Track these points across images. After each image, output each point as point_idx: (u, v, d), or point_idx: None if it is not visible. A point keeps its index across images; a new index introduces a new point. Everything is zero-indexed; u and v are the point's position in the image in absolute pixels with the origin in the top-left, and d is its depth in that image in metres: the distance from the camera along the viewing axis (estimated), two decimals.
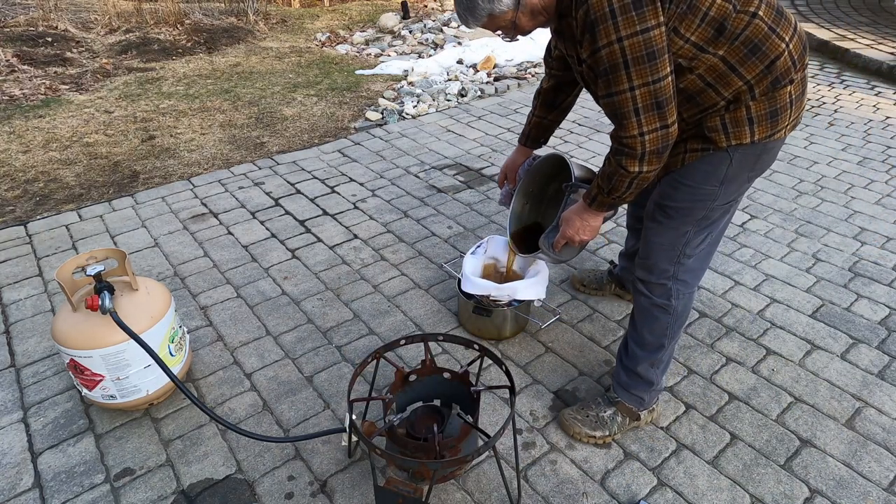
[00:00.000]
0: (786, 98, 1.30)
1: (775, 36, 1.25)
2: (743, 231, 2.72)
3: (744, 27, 1.23)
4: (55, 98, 4.32)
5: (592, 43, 1.23)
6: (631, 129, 1.25)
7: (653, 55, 1.19)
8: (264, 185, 3.15)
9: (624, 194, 1.36)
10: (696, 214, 1.43)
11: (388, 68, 5.02)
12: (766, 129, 1.32)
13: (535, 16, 1.36)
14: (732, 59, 1.25)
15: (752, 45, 1.24)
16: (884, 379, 1.93)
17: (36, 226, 2.76)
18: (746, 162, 1.36)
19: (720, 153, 1.35)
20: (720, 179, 1.37)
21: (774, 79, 1.27)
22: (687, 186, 1.41)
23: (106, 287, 1.59)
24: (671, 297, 1.54)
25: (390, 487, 1.34)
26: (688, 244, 1.47)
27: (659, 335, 1.59)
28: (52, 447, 1.70)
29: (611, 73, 1.23)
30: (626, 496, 1.56)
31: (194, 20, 6.15)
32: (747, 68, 1.26)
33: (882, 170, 3.27)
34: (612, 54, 1.21)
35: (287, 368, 1.97)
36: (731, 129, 1.32)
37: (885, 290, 2.34)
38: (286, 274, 2.44)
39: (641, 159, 1.27)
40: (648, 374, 1.65)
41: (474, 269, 2.08)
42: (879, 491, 1.58)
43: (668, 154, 1.29)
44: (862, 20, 5.81)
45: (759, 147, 1.34)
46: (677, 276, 1.52)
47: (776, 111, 1.30)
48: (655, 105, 1.22)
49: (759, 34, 1.24)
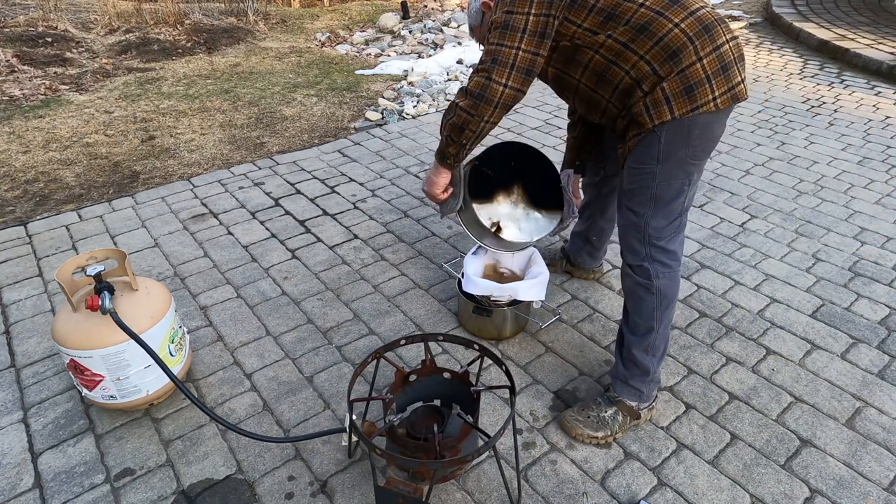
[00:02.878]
0: (699, 74, 1.40)
1: (662, 18, 1.40)
2: (743, 231, 2.72)
3: (631, 14, 1.41)
4: (55, 98, 4.32)
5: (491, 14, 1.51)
6: (473, 73, 1.50)
7: (507, 25, 1.44)
8: (264, 185, 3.15)
9: (444, 130, 1.58)
10: (646, 194, 1.54)
11: (388, 68, 5.02)
12: (684, 104, 1.42)
13: (484, 30, 1.65)
14: (624, 39, 1.42)
15: (639, 26, 1.40)
16: (884, 379, 1.93)
17: (36, 226, 2.77)
18: (677, 138, 1.46)
19: (650, 134, 1.47)
20: (656, 158, 1.49)
21: (671, 53, 1.39)
22: (633, 169, 1.54)
23: (106, 287, 1.59)
24: (651, 276, 1.60)
25: (390, 487, 1.34)
26: (648, 224, 1.56)
27: (647, 317, 1.64)
28: (52, 447, 1.70)
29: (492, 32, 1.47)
30: (627, 496, 1.56)
31: (194, 20, 6.15)
32: (637, 45, 1.42)
33: (882, 170, 3.27)
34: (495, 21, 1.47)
35: (287, 368, 1.97)
36: (653, 111, 1.44)
37: (885, 290, 2.34)
38: (286, 274, 2.44)
39: (464, 95, 1.49)
40: (644, 361, 1.66)
41: (476, 270, 2.08)
42: (879, 491, 1.58)
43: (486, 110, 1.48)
44: (862, 20, 5.81)
45: (686, 122, 1.43)
46: (652, 256, 1.59)
47: (691, 87, 1.41)
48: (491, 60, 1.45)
49: (645, 18, 1.40)
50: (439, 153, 1.66)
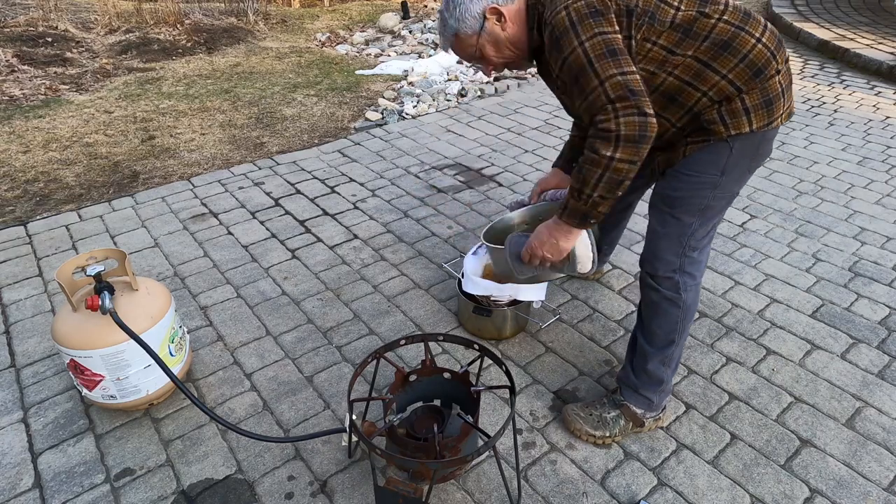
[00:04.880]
0: (777, 87, 1.36)
1: (744, 33, 1.32)
2: (743, 231, 2.72)
3: (710, 29, 1.32)
4: (55, 98, 4.32)
5: (560, 54, 1.31)
6: (606, 114, 1.26)
7: (613, 52, 1.26)
8: (264, 185, 3.15)
9: (595, 191, 1.31)
10: (698, 204, 1.46)
11: (388, 68, 5.02)
12: (762, 117, 1.37)
13: (500, 48, 1.46)
14: (704, 58, 1.33)
15: (722, 43, 1.32)
16: (884, 379, 1.93)
17: (36, 226, 2.76)
18: (746, 151, 1.41)
19: (720, 143, 1.39)
20: (721, 169, 1.41)
21: (756, 70, 1.33)
22: (688, 176, 1.44)
23: (106, 287, 1.59)
24: (680, 289, 1.55)
25: (390, 487, 1.34)
26: (693, 235, 1.50)
27: (669, 330, 1.60)
28: (52, 447, 1.70)
29: (580, 76, 1.28)
30: (626, 496, 1.56)
31: (194, 20, 6.15)
32: (720, 63, 1.33)
33: (882, 170, 3.27)
34: (577, 58, 1.28)
35: (287, 368, 1.97)
36: (730, 120, 1.36)
37: (885, 290, 2.34)
38: (286, 274, 2.44)
39: (616, 142, 1.25)
40: (659, 371, 1.64)
41: (475, 270, 2.08)
42: (879, 491, 1.58)
43: (646, 150, 1.27)
44: (862, 20, 5.81)
45: (759, 136, 1.39)
46: (684, 268, 1.53)
47: (769, 100, 1.36)
48: (629, 93, 1.24)
49: (727, 33, 1.32)
50: (579, 215, 1.38)
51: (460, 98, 4.41)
